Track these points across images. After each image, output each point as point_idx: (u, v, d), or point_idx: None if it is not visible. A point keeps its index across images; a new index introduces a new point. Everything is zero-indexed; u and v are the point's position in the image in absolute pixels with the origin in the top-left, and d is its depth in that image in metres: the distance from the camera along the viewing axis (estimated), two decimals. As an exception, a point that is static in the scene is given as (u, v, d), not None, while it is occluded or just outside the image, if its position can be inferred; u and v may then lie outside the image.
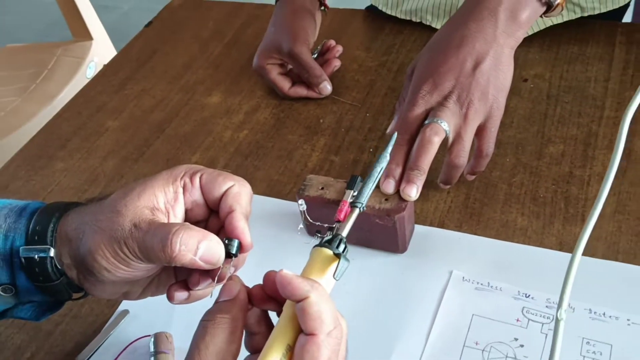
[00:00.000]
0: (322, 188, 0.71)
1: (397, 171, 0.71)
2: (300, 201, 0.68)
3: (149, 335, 0.69)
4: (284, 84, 0.96)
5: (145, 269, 0.53)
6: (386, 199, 0.70)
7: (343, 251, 0.53)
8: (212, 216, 0.57)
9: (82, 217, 0.54)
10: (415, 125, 0.74)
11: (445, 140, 0.72)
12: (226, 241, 0.52)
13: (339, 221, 0.67)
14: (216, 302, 0.50)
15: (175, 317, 0.71)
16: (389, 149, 0.66)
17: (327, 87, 0.94)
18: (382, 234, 0.70)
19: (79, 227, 0.53)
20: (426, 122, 0.73)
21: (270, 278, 0.51)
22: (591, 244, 0.71)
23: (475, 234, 0.74)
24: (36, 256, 0.53)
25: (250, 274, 0.73)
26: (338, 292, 0.65)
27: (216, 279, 0.53)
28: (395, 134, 0.70)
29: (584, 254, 0.69)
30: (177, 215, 0.54)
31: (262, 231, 0.75)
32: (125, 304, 0.74)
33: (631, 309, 0.64)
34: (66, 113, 1.04)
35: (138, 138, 0.96)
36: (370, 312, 0.68)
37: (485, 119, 0.74)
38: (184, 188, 0.54)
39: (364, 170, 0.84)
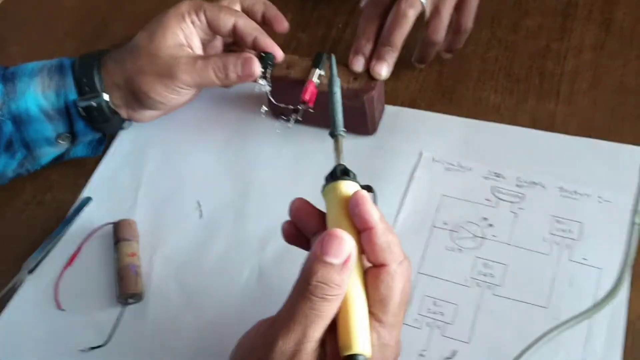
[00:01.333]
0: (287, 67, 0.68)
1: (367, 47, 0.68)
2: (263, 81, 0.64)
3: (113, 222, 0.68)
4: None
5: (191, 94, 0.67)
6: (355, 78, 0.67)
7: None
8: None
9: (121, 65, 0.65)
10: None
11: (422, 14, 0.68)
12: (262, 54, 0.65)
13: (304, 102, 0.65)
14: (323, 259, 0.42)
15: (139, 204, 0.70)
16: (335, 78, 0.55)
17: None
18: (350, 115, 0.66)
19: (122, 74, 0.65)
20: None
21: (298, 207, 0.49)
22: (565, 120, 0.69)
23: (447, 113, 0.71)
24: (94, 103, 0.65)
25: (214, 158, 0.71)
26: (302, 175, 0.63)
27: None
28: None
29: (556, 130, 0.68)
30: (197, 46, 0.66)
31: (225, 114, 0.73)
32: (87, 191, 0.72)
33: (603, 186, 0.63)
34: (20, -9, 0.98)
35: (96, 17, 0.91)
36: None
37: None
38: (193, 24, 0.65)
39: (333, 48, 0.80)
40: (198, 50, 0.66)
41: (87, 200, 0.71)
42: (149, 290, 0.64)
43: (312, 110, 0.65)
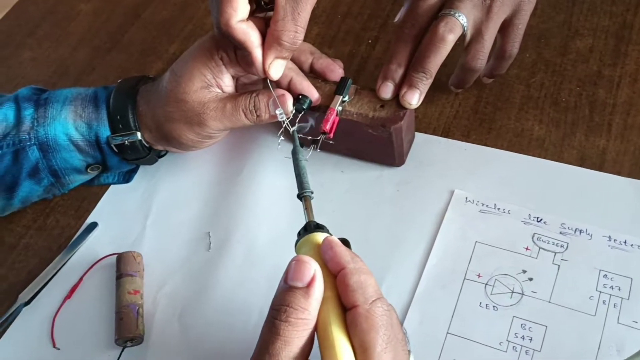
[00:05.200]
0: (308, 92, 0.61)
1: (398, 73, 0.61)
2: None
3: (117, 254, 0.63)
4: None
5: (225, 133, 0.64)
6: (382, 106, 0.61)
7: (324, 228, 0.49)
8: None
9: (152, 109, 0.62)
10: (426, 17, 0.62)
11: (462, 37, 0.62)
12: (299, 97, 0.60)
13: (324, 132, 0.59)
14: (288, 284, 0.43)
15: (147, 233, 0.65)
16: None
17: None
18: (377, 145, 0.62)
19: (153, 118, 0.62)
20: (440, 13, 0.61)
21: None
22: (616, 159, 0.62)
23: (484, 144, 0.65)
24: (127, 142, 0.63)
25: (227, 188, 0.66)
26: (322, 209, 0.57)
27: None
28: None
29: (607, 170, 0.61)
30: (228, 84, 0.61)
31: (240, 143, 0.67)
32: (93, 216, 0.67)
33: (657, 237, 0.56)
34: (35, -7, 0.93)
35: (112, 24, 0.86)
36: (358, 234, 0.60)
37: (512, 13, 0.62)
38: (222, 60, 0.59)
39: (361, 66, 0.73)
40: (228, 88, 0.61)
41: (94, 225, 0.67)
42: (151, 332, 0.59)
43: (332, 142, 0.59)
